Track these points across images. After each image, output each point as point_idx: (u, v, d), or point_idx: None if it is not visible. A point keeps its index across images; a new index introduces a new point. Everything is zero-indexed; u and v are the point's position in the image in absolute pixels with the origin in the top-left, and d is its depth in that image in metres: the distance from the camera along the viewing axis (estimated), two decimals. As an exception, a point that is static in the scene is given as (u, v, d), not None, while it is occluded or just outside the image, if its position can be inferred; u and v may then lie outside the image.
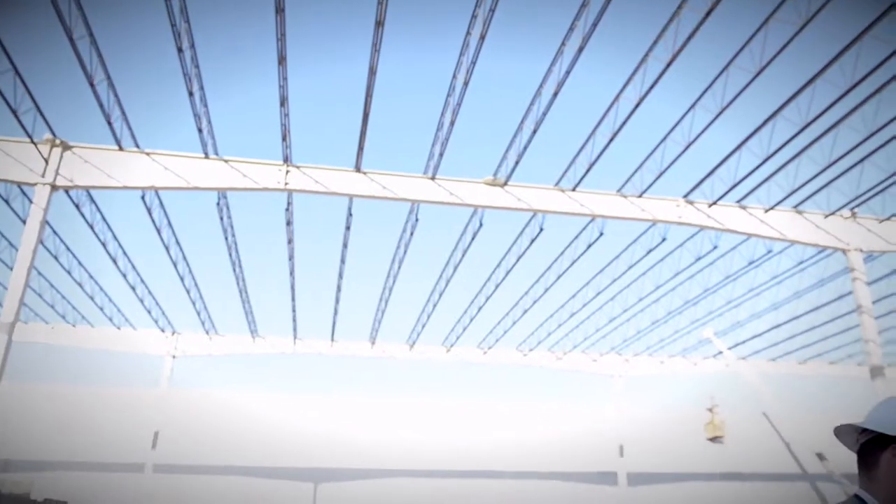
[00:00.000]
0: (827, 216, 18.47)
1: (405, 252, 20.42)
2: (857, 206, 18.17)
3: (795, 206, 18.32)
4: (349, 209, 18.10)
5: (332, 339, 29.96)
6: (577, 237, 20.27)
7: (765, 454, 36.42)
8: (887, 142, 15.35)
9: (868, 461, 1.98)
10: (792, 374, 32.77)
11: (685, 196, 17.86)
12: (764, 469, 36.13)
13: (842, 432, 2.13)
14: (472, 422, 34.81)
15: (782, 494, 35.49)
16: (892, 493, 1.90)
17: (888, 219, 18.57)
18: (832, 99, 13.92)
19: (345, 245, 19.89)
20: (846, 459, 28.05)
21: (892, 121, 14.49)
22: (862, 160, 16.19)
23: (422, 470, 33.36)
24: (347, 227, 18.89)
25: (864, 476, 1.98)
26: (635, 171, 17.08)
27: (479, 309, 25.12)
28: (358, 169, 16.41)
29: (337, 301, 24.46)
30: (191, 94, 14.09)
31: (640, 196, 17.62)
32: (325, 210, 22.02)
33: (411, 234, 19.32)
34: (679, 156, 15.97)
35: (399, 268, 21.60)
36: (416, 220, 18.54)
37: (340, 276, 22.10)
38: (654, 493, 34.32)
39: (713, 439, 33.26)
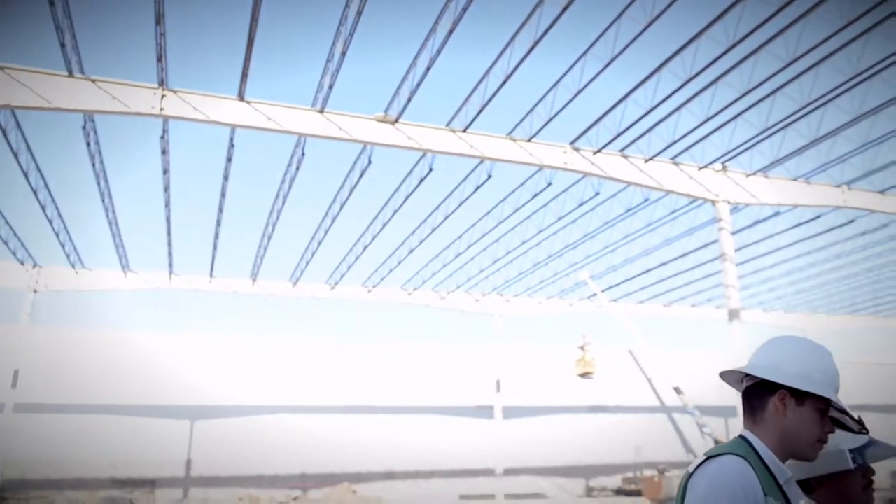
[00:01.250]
0: (700, 168, 19.42)
1: (290, 187, 19.81)
2: (728, 160, 19.21)
3: (673, 158, 19.14)
4: (231, 140, 17.27)
5: (211, 276, 28.92)
6: (465, 179, 20.36)
7: (629, 388, 39.00)
8: (760, 100, 16.21)
9: (754, 404, 2.03)
10: (657, 316, 34.93)
11: (572, 143, 18.22)
12: (627, 402, 38.74)
13: (727, 376, 2.17)
14: (356, 360, 35.01)
15: (642, 424, 38.24)
16: (779, 436, 1.96)
17: (754, 173, 19.77)
18: (714, 55, 14.47)
19: (225, 177, 19.03)
20: (698, 393, 30.45)
21: (765, 80, 15.29)
22: (735, 117, 17.04)
23: (303, 406, 33.38)
24: (229, 159, 18.04)
25: (750, 418, 2.03)
26: (525, 115, 17.20)
27: (365, 248, 24.95)
28: (241, 97, 15.55)
29: (216, 236, 23.52)
30: (52, 3, 12.73)
31: (528, 140, 17.81)
32: (206, 139, 20.90)
33: (297, 168, 18.73)
34: (568, 103, 16.19)
35: (283, 203, 20.98)
36: (303, 154, 17.96)
37: (220, 209, 21.21)
38: (526, 425, 36.09)
39: (583, 375, 35.05)
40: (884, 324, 37.45)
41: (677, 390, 32.10)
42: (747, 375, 2.07)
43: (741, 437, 2.02)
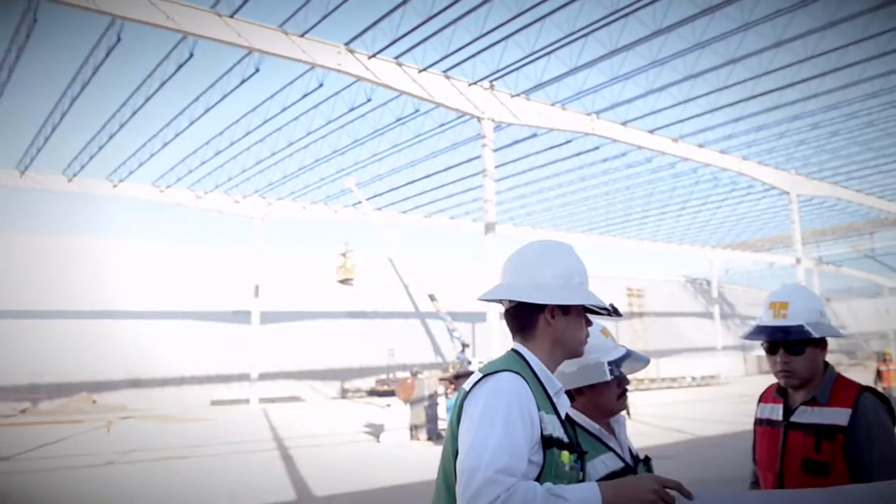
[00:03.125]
0: (470, 85, 19.80)
1: (16, 58, 16.94)
2: (496, 79, 19.78)
3: (445, 71, 19.26)
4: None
5: None
6: (230, 70, 18.84)
7: (387, 295, 40.28)
8: (529, 24, 16.71)
9: (523, 323, 2.00)
10: (418, 226, 36.00)
11: (347, 44, 17.53)
12: (385, 308, 40.06)
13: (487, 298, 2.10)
14: (97, 260, 31.99)
15: (397, 328, 39.91)
16: (550, 347, 1.98)
17: (518, 95, 20.61)
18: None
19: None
20: (450, 301, 32.28)
21: (535, 6, 15.74)
22: (506, 38, 17.46)
23: (33, 311, 30.05)
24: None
25: (520, 334, 2.01)
26: (300, 7, 16.09)
27: (111, 137, 22.35)
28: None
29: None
30: None
31: (302, 36, 16.80)
32: None
33: (27, 35, 15.97)
34: (345, 0, 15.44)
35: (8, 77, 17.94)
36: (35, 20, 15.31)
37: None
38: (284, 330, 35.90)
39: (343, 281, 35.38)
40: (613, 241, 42.19)
41: (432, 297, 33.63)
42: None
43: (514, 351, 1.99)
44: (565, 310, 1.98)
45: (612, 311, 2.09)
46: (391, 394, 25.74)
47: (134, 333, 32.21)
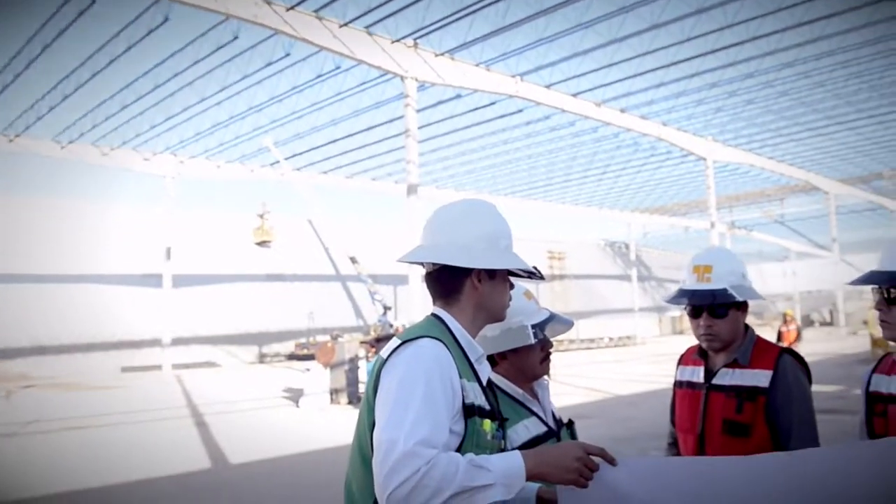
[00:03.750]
0: (393, 42, 19.23)
1: None
2: (420, 37, 19.27)
3: (367, 27, 18.63)
4: None
5: None
6: (137, 18, 17.66)
7: (307, 257, 39.54)
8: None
9: (447, 286, 1.88)
10: (339, 187, 35.26)
11: (263, -6, 16.66)
12: (305, 271, 39.34)
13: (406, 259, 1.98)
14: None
15: (317, 291, 39.32)
16: (474, 312, 1.88)
17: (442, 54, 20.18)
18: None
19: None
20: (371, 264, 31.95)
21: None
22: (431, -7, 16.99)
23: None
24: None
25: (442, 298, 1.89)
26: (211, -48, 15.18)
27: (6, 87, 20.75)
28: None
29: None
30: None
31: (214, -17, 15.84)
32: None
33: None
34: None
35: None
36: None
37: None
38: (198, 294, 34.79)
39: (261, 243, 34.51)
40: (535, 205, 42.50)
41: (353, 260, 33.25)
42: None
43: (434, 316, 1.88)
44: (491, 274, 1.89)
45: (536, 275, 2.01)
46: (311, 358, 25.34)
47: (36, 297, 30.52)
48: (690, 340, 2.95)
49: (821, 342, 34.24)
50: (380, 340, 20.43)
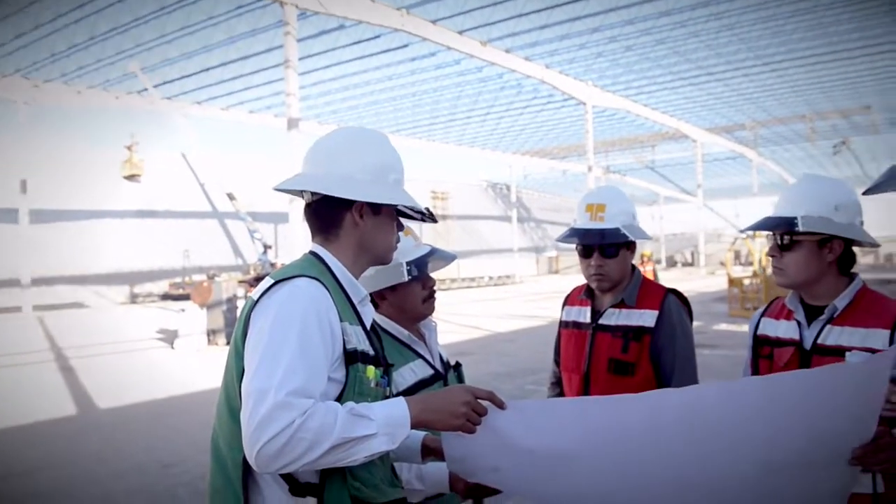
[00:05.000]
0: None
1: None
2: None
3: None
4: None
5: None
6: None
7: (181, 193, 37.63)
8: None
9: (327, 220, 1.74)
10: (214, 118, 33.52)
11: None
12: (179, 207, 37.48)
13: (284, 188, 1.82)
14: None
15: (192, 229, 37.69)
16: (356, 250, 1.75)
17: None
18: None
19: None
20: (251, 200, 30.88)
21: None
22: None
23: None
24: None
25: (321, 234, 1.75)
26: None
27: None
28: None
29: None
30: None
31: None
32: None
33: None
34: None
35: None
36: None
37: None
38: (61, 230, 32.50)
39: (130, 178, 32.52)
40: (419, 144, 42.21)
41: (230, 196, 31.98)
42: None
43: (312, 254, 1.72)
44: (376, 209, 1.75)
45: (427, 216, 1.89)
46: (186, 298, 24.42)
47: None
48: (565, 280, 2.94)
49: (682, 281, 36.50)
50: (259, 280, 19.88)
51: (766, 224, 2.30)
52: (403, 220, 1.92)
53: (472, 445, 1.68)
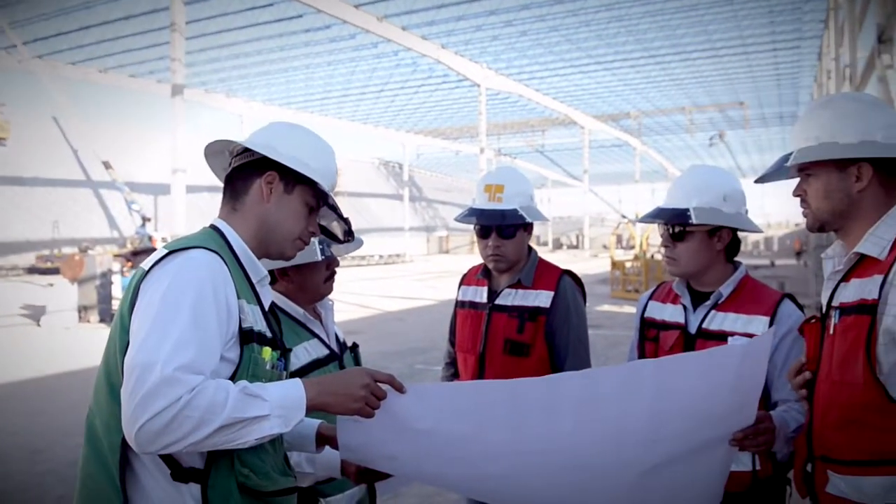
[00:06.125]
0: (157, -81, 17.13)
1: None
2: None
3: None
4: None
5: None
6: None
7: (51, 159, 35.19)
8: None
9: (237, 188, 1.67)
10: (91, 81, 31.40)
11: None
12: (48, 174, 35.03)
13: (213, 151, 1.74)
14: None
15: (63, 198, 35.36)
16: (257, 227, 1.66)
17: (215, -59, 18.41)
18: None
19: None
20: (129, 170, 29.32)
21: None
22: None
23: None
24: None
25: (228, 205, 1.67)
26: None
27: None
28: None
29: None
30: None
31: None
32: None
33: None
34: None
35: None
36: None
37: None
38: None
39: (-5, 140, 30.13)
40: (311, 118, 41.22)
41: (107, 165, 30.24)
42: (237, 155, 1.69)
43: (213, 227, 1.64)
44: (288, 187, 1.66)
45: (344, 226, 1.89)
46: (55, 272, 22.92)
47: None
48: (456, 259, 2.93)
49: (567, 263, 37.03)
50: (137, 254, 19.00)
51: (659, 215, 2.35)
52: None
53: (368, 431, 1.63)
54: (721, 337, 2.22)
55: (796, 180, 1.85)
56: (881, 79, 9.81)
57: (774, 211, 66.66)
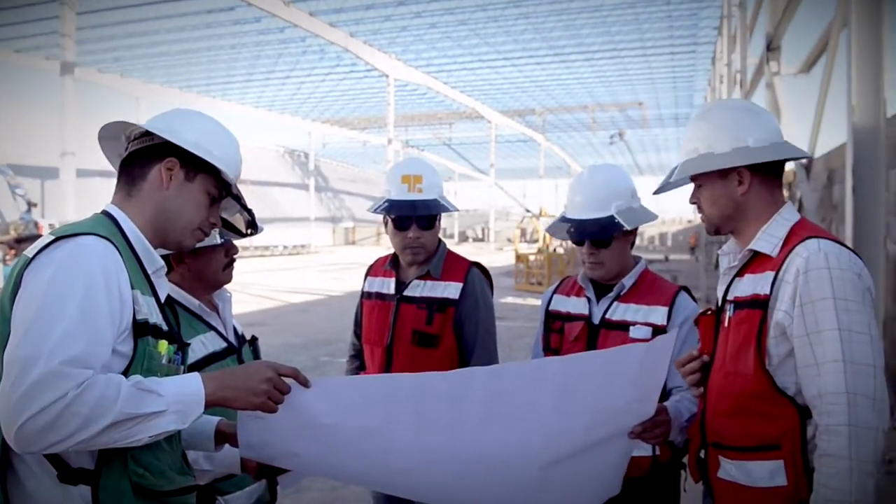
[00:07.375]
0: None
1: None
2: None
3: None
4: None
5: None
6: None
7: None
8: None
9: (134, 173, 1.59)
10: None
11: None
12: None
13: (108, 135, 1.67)
14: None
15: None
16: (154, 214, 1.58)
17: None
18: None
19: None
20: (12, 152, 27.50)
21: None
22: None
23: None
24: None
25: (123, 190, 1.59)
26: None
27: None
28: None
29: None
30: None
31: None
32: None
33: None
34: None
35: None
36: None
37: None
38: None
39: None
40: (213, 103, 39.86)
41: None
42: (135, 139, 1.59)
43: (105, 213, 1.55)
44: (189, 175, 1.60)
45: (247, 216, 1.85)
46: (-74, 259, 21.25)
47: None
48: (362, 251, 2.93)
49: (473, 256, 37.79)
50: (21, 241, 17.80)
51: (584, 231, 2.37)
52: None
53: (271, 428, 1.60)
54: (623, 327, 2.33)
55: (692, 185, 1.95)
56: (769, 85, 10.42)
57: (669, 207, 69.71)
